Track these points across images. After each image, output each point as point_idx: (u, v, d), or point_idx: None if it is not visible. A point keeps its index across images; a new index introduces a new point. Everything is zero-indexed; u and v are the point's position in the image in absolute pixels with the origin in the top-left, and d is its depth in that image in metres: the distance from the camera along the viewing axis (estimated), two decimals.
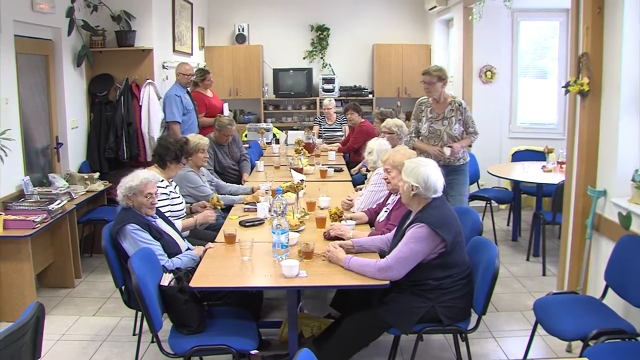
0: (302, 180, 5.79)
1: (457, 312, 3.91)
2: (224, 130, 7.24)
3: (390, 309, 3.87)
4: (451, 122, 6.20)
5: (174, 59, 8.85)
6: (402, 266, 3.75)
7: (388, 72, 11.75)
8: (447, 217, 3.86)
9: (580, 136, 5.05)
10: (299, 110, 12.03)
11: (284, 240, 4.07)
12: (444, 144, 6.18)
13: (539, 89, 9.32)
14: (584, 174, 5.01)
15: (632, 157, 4.64)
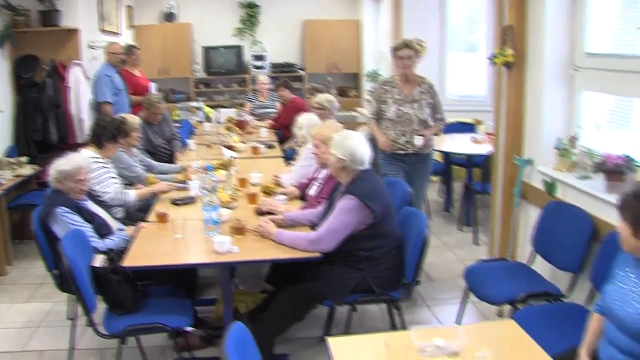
0: (232, 157, 5.76)
1: (388, 281, 3.97)
2: (153, 108, 7.14)
3: (323, 281, 3.90)
4: (421, 106, 5.55)
5: (101, 39, 8.66)
6: (332, 238, 3.79)
7: (318, 49, 11.75)
8: (376, 189, 3.91)
9: (507, 107, 5.16)
10: (231, 88, 11.93)
11: (215, 217, 4.06)
12: (414, 130, 5.52)
13: (468, 62, 9.45)
14: (511, 144, 5.13)
15: (556, 126, 4.78)
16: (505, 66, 5.07)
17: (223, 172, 5.36)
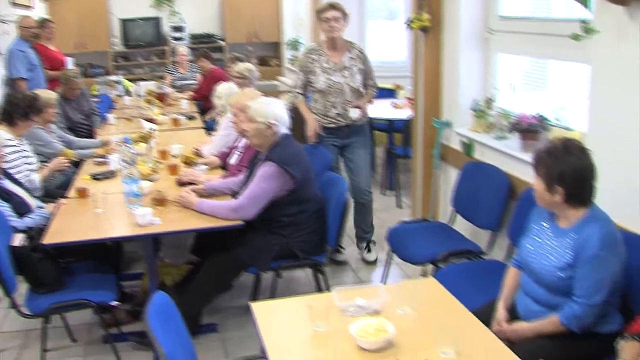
0: (152, 130, 5.68)
1: (311, 246, 4.01)
2: (70, 83, 6.95)
3: (246, 249, 3.91)
4: (352, 73, 5.05)
5: (12, 13, 8.34)
6: (253, 205, 3.79)
7: (238, 18, 11.61)
8: (295, 155, 3.92)
9: (424, 71, 5.22)
10: (150, 60, 11.72)
11: (136, 190, 4.01)
12: (346, 102, 5.04)
13: (389, 30, 9.50)
14: (429, 107, 5.20)
15: (472, 88, 4.86)
16: (422, 31, 5.12)
17: (143, 145, 5.28)
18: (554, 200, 2.83)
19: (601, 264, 2.73)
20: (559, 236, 2.88)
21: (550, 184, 2.80)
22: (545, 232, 2.97)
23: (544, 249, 2.92)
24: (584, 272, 2.74)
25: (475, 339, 2.47)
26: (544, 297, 2.90)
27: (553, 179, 2.79)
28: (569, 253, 2.80)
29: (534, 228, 3.06)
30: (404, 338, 2.42)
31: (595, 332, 2.83)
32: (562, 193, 2.79)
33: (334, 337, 2.46)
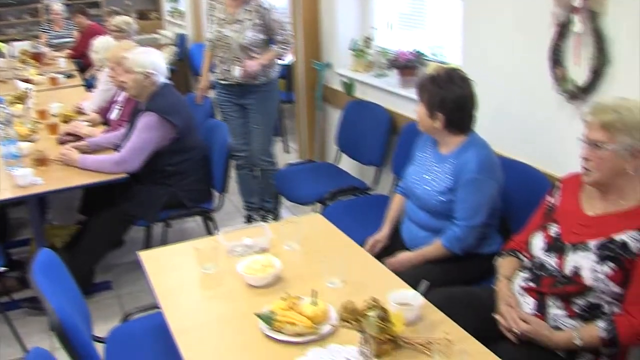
0: (27, 90, 5.48)
1: (198, 194, 4.03)
2: None
3: (133, 202, 3.88)
4: (244, 28, 4.51)
5: None
6: (136, 157, 3.76)
7: None
8: (175, 103, 3.90)
9: (303, 14, 5.23)
10: (22, 19, 11.22)
11: (15, 151, 3.88)
12: (233, 57, 4.56)
13: None
14: (309, 50, 5.24)
15: (350, 28, 4.92)
16: None
17: (19, 105, 5.10)
18: (434, 126, 2.94)
19: (479, 187, 2.87)
20: (440, 162, 3.00)
21: (432, 110, 2.91)
22: (428, 159, 3.09)
23: (426, 175, 3.04)
24: (463, 196, 2.88)
25: (362, 268, 2.55)
26: (427, 222, 3.03)
27: (434, 105, 2.90)
28: (449, 178, 2.92)
29: (418, 156, 3.18)
30: (291, 272, 2.48)
31: (477, 254, 2.98)
32: (442, 119, 2.91)
33: (222, 278, 2.49)
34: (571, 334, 2.26)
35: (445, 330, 2.03)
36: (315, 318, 2.09)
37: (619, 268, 2.22)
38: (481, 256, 2.95)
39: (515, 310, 2.37)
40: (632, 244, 2.21)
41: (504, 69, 3.31)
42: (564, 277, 2.31)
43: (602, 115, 2.24)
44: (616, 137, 2.20)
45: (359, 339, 1.81)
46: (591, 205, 2.39)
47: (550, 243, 2.40)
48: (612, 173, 2.25)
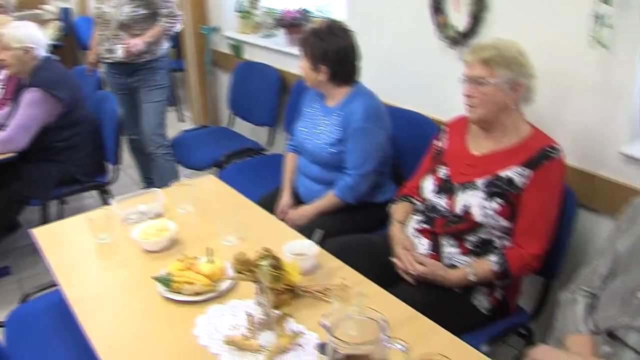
0: None
1: (91, 168, 3.93)
2: None
3: (24, 181, 3.74)
4: (121, 2, 4.10)
5: None
6: (23, 134, 3.61)
7: None
8: (60, 77, 3.77)
9: None
10: None
11: None
12: (114, 35, 4.17)
13: None
14: (196, 15, 5.15)
15: None
16: None
17: None
18: (319, 79, 2.96)
19: (367, 136, 2.91)
20: (328, 115, 3.02)
21: (315, 63, 2.93)
22: (316, 113, 3.11)
23: (315, 129, 3.06)
24: (352, 145, 2.92)
25: (258, 224, 2.56)
26: (320, 175, 3.06)
27: (317, 58, 2.92)
28: (337, 129, 2.95)
29: (305, 111, 3.19)
30: (187, 234, 2.46)
31: (372, 203, 3.04)
32: (326, 71, 2.93)
33: (118, 246, 2.45)
34: (465, 270, 2.34)
35: (342, 276, 2.06)
36: (213, 275, 2.09)
37: (506, 203, 2.30)
38: (376, 205, 3.01)
39: (410, 253, 2.43)
40: (516, 179, 2.30)
41: (387, 20, 3.35)
42: (455, 217, 2.38)
43: (481, 52, 2.32)
44: (496, 72, 2.28)
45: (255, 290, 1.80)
46: (477, 145, 2.46)
47: (440, 185, 2.47)
48: (495, 108, 2.33)
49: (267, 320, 1.82)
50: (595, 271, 2.05)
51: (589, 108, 2.58)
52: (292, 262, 2.01)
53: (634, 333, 1.85)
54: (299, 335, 1.83)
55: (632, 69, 2.40)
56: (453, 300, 2.37)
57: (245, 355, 1.79)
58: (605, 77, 2.50)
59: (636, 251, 1.94)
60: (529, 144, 2.34)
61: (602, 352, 1.91)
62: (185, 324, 1.93)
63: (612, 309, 1.93)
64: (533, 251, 2.30)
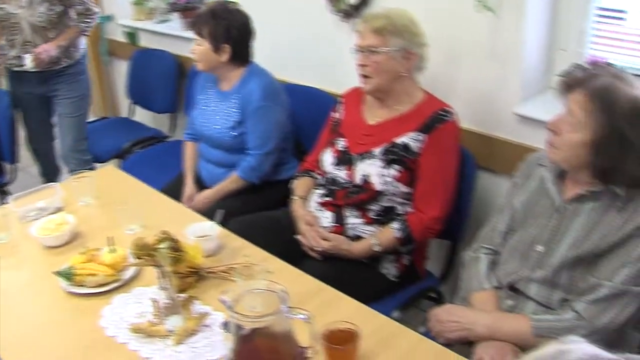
0: None
1: None
2: None
3: None
4: (32, 3, 3.48)
5: None
6: None
7: None
8: None
9: None
10: None
11: None
12: (26, 43, 3.59)
13: None
14: None
15: None
16: None
17: None
18: (220, 60, 2.92)
19: (266, 114, 2.91)
20: (224, 99, 3.00)
21: (217, 43, 2.89)
22: (211, 99, 3.08)
23: (213, 115, 3.03)
24: (252, 125, 2.91)
25: (160, 211, 2.52)
26: (223, 158, 3.04)
27: (220, 37, 2.88)
28: (236, 112, 2.93)
29: (200, 99, 3.15)
30: (88, 226, 2.41)
31: (276, 180, 3.04)
32: (229, 51, 2.90)
33: (18, 245, 2.38)
34: (370, 241, 2.38)
35: (245, 254, 2.06)
36: (116, 265, 2.06)
37: (404, 169, 2.35)
38: (280, 182, 3.01)
39: (314, 229, 2.44)
40: (412, 144, 2.34)
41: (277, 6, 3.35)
42: (356, 187, 2.41)
43: (373, 22, 2.35)
44: (388, 40, 2.32)
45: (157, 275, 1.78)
46: (372, 114, 2.50)
47: (339, 157, 2.49)
48: (388, 77, 2.36)
49: (172, 305, 1.80)
50: (495, 229, 2.12)
51: (482, 72, 2.65)
52: (195, 244, 2.00)
53: (534, 284, 1.92)
54: (205, 317, 1.83)
55: (519, 31, 2.48)
56: (361, 271, 2.41)
57: (153, 341, 1.78)
58: (494, 40, 2.57)
59: (531, 206, 2.01)
60: (423, 110, 2.38)
61: (505, 305, 1.98)
62: (91, 316, 1.90)
63: (512, 264, 2.00)
64: (433, 214, 2.35)
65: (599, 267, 1.81)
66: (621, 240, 1.77)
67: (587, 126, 1.76)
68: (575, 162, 1.83)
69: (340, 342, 1.55)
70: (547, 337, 1.83)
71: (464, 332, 1.93)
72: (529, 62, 2.55)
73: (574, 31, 2.52)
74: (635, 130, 1.71)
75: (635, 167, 1.74)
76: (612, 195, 1.80)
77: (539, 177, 2.02)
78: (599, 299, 1.78)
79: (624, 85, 1.75)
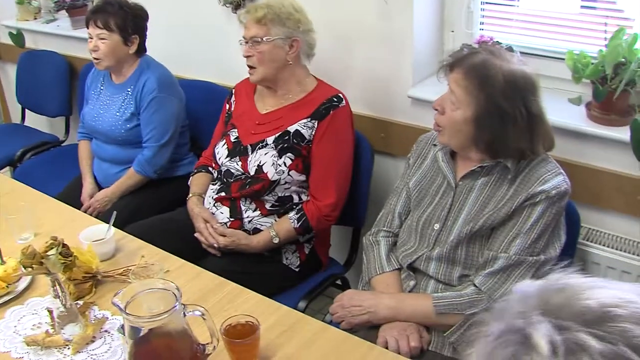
0: None
1: None
2: None
3: None
4: None
5: None
6: None
7: None
8: None
9: None
10: None
11: None
12: None
13: None
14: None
15: None
16: None
17: None
18: (129, 52, 2.88)
19: (162, 105, 2.87)
20: (118, 92, 2.94)
21: (127, 34, 2.84)
22: (104, 93, 3.01)
23: (105, 109, 2.97)
24: (147, 117, 2.87)
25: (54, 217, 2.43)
26: (118, 155, 2.98)
27: (128, 28, 2.83)
28: (130, 104, 2.89)
29: (92, 94, 3.07)
30: None
31: (174, 177, 2.99)
32: (138, 41, 2.88)
33: None
34: (269, 234, 2.36)
35: (142, 255, 2.01)
36: (7, 277, 1.97)
37: (296, 157, 2.35)
38: (178, 179, 2.96)
39: (210, 225, 2.40)
40: (304, 131, 2.35)
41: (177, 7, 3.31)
42: (250, 178, 2.39)
43: (254, 12, 2.34)
44: (271, 29, 2.32)
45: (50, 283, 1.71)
46: (264, 104, 2.49)
47: (232, 148, 2.47)
48: (274, 65, 2.36)
49: (68, 313, 1.74)
50: (393, 211, 2.14)
51: (375, 56, 2.67)
52: (89, 249, 1.93)
53: (433, 263, 1.95)
54: (103, 322, 1.77)
55: (409, 16, 2.51)
56: (262, 264, 2.40)
57: (51, 352, 1.72)
58: (385, 25, 2.59)
59: (426, 185, 2.04)
60: (314, 97, 2.39)
61: (407, 286, 2.00)
62: None
63: (410, 244, 2.03)
64: (328, 201, 2.36)
65: (494, 240, 1.86)
66: (513, 212, 1.81)
67: (466, 103, 1.80)
68: (462, 139, 1.87)
69: (241, 335, 1.53)
70: (449, 314, 1.86)
71: (367, 315, 1.94)
72: (420, 44, 2.59)
73: (463, 12, 2.56)
74: (511, 102, 1.76)
75: (517, 139, 1.79)
76: (503, 168, 1.85)
77: (432, 156, 2.05)
78: (495, 270, 1.83)
79: (499, 60, 1.80)
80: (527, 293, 0.75)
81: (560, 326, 0.68)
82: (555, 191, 1.79)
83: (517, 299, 0.75)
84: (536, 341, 0.68)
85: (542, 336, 0.68)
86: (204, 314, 1.39)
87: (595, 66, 2.17)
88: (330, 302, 2.08)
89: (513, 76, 1.77)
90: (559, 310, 0.70)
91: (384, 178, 2.79)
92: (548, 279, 0.76)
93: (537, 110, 1.80)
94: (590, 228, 2.35)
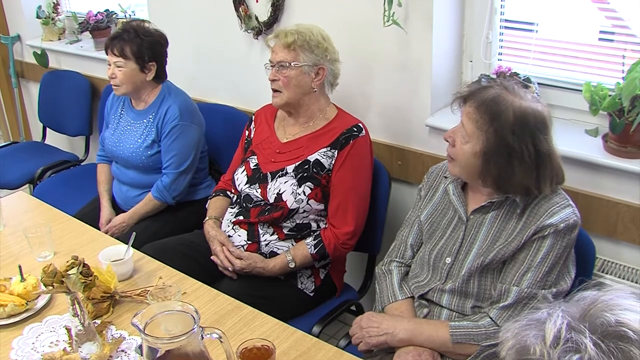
0: None
1: None
2: None
3: None
4: None
5: None
6: None
7: None
8: None
9: None
10: None
11: None
12: None
13: None
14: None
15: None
16: None
17: None
18: (147, 79, 2.91)
19: (182, 133, 2.89)
20: (139, 118, 2.97)
21: (143, 61, 2.86)
22: (124, 119, 3.03)
23: (126, 135, 2.99)
24: (168, 144, 2.88)
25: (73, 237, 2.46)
26: (137, 179, 3.00)
27: (145, 56, 2.85)
28: (151, 131, 2.91)
29: (112, 119, 3.10)
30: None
31: (193, 201, 3.01)
32: (155, 68, 2.90)
33: None
34: (285, 258, 2.37)
35: (160, 276, 2.03)
36: (27, 294, 2.00)
37: (315, 186, 2.37)
38: (197, 202, 2.98)
39: (227, 248, 2.42)
40: (324, 160, 2.36)
41: (190, 17, 3.34)
42: (269, 205, 2.40)
43: (284, 37, 2.38)
44: (300, 56, 2.35)
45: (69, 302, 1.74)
46: (284, 132, 2.51)
47: (251, 175, 2.48)
48: (299, 91, 2.39)
49: (85, 331, 1.76)
50: (405, 242, 2.15)
51: (394, 86, 2.70)
52: (108, 269, 1.96)
53: (445, 295, 1.96)
54: (120, 341, 1.79)
55: (427, 45, 2.53)
56: (278, 288, 2.41)
57: None
58: (404, 54, 2.62)
59: (437, 218, 2.05)
60: (334, 126, 2.42)
61: (420, 314, 2.01)
62: (1, 349, 1.84)
63: (423, 276, 2.04)
64: (346, 229, 2.37)
65: (506, 273, 1.86)
66: (522, 245, 1.82)
67: (476, 137, 1.82)
68: (471, 172, 1.89)
69: (257, 359, 1.54)
70: (465, 344, 1.86)
71: (384, 336, 1.95)
72: (438, 73, 2.61)
73: (482, 42, 2.59)
74: (519, 139, 1.78)
75: (522, 176, 1.80)
76: (512, 203, 1.86)
77: (443, 189, 2.07)
78: (509, 304, 1.83)
79: (512, 96, 1.82)
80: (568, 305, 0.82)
81: (574, 327, 0.74)
82: (563, 224, 1.80)
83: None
84: (546, 331, 0.75)
85: (553, 328, 0.75)
86: (221, 337, 1.41)
87: (613, 98, 2.18)
88: (345, 327, 2.09)
89: (524, 113, 1.79)
90: (583, 317, 0.76)
91: (400, 205, 2.81)
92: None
93: (546, 149, 1.81)
94: (606, 260, 2.35)
